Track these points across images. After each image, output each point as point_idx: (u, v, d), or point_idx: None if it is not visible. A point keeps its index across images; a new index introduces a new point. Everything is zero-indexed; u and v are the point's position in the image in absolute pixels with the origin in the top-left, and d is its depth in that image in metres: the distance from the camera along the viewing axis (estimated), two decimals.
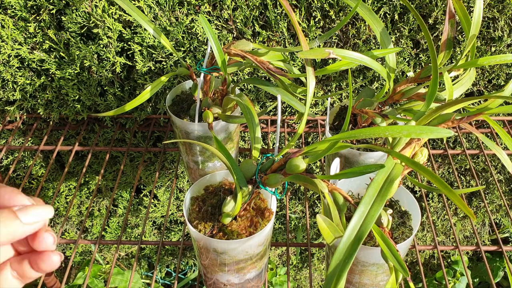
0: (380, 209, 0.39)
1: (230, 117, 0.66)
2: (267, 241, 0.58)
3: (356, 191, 0.60)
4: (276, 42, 0.84)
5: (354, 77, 0.89)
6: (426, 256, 1.33)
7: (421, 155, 0.51)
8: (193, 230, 0.54)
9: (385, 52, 0.60)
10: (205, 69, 0.65)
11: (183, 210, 0.57)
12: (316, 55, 0.53)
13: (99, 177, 0.86)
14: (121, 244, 0.73)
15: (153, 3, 0.78)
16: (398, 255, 0.43)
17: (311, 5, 0.80)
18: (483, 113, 0.51)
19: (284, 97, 0.60)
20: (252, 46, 0.63)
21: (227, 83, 0.67)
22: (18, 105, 0.91)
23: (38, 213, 0.32)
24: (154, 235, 1.23)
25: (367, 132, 0.43)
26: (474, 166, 1.08)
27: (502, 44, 0.85)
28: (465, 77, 0.63)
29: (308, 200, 1.13)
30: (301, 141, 0.96)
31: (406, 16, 0.82)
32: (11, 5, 0.79)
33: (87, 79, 0.87)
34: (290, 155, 0.50)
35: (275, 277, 1.25)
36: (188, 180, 1.11)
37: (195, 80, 0.71)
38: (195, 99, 0.73)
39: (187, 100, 0.75)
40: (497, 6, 0.81)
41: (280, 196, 0.54)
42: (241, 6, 0.79)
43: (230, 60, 0.67)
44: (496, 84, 0.92)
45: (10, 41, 0.82)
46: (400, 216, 0.57)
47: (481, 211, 1.18)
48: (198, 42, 0.83)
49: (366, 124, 0.66)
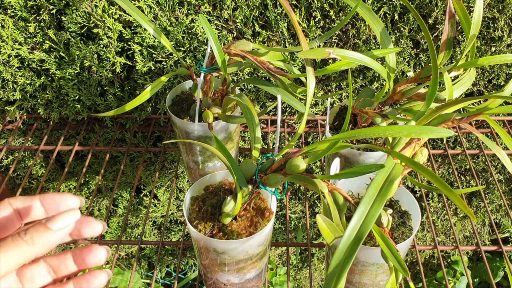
0: (380, 209, 0.39)
1: (230, 117, 0.66)
2: (267, 241, 0.58)
3: (356, 191, 0.60)
4: (276, 42, 0.84)
5: (354, 77, 0.89)
6: (426, 256, 1.33)
7: (421, 155, 0.51)
8: (193, 230, 0.54)
9: (385, 52, 0.60)
10: (205, 69, 0.65)
11: (183, 210, 0.57)
12: (316, 55, 0.53)
13: (99, 177, 0.86)
14: (121, 244, 0.73)
15: (153, 3, 0.78)
16: (398, 255, 0.43)
17: (311, 5, 0.80)
18: (483, 113, 0.51)
19: (284, 97, 0.60)
20: (252, 46, 0.63)
21: (227, 83, 0.67)
22: (18, 105, 0.91)
23: (65, 218, 0.35)
24: (154, 235, 1.23)
25: (367, 132, 0.43)
26: (474, 166, 1.08)
27: (502, 44, 0.85)
28: (465, 77, 0.63)
29: (308, 200, 1.13)
30: (301, 141, 0.96)
31: (406, 16, 0.82)
32: (11, 5, 0.79)
33: (87, 79, 0.87)
34: (290, 155, 0.50)
35: (275, 277, 1.25)
36: (188, 180, 1.11)
37: (195, 80, 0.72)
38: (195, 99, 0.73)
39: (187, 100, 0.75)
40: (497, 6, 0.81)
41: (280, 196, 0.54)
42: (241, 6, 0.79)
43: (230, 60, 0.67)
44: (496, 84, 0.92)
45: (10, 41, 0.82)
46: (400, 216, 0.57)
47: (481, 211, 1.18)
48: (198, 42, 0.83)
49: (366, 124, 0.66)
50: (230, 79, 0.67)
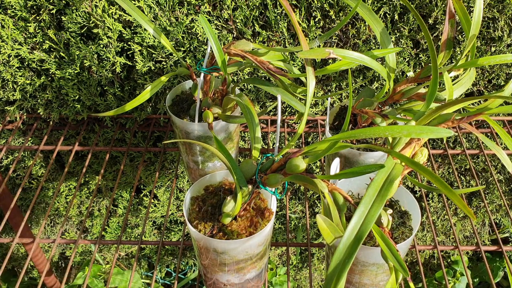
0: (380, 209, 0.39)
1: (230, 117, 0.66)
2: (267, 241, 0.58)
3: (356, 191, 0.60)
4: (276, 42, 0.84)
5: (354, 77, 0.89)
6: (426, 256, 1.33)
7: (421, 155, 0.51)
8: (193, 230, 0.54)
9: (385, 52, 0.60)
10: (205, 69, 0.65)
11: (183, 210, 0.57)
12: (316, 55, 0.53)
13: (99, 177, 0.86)
14: (121, 244, 0.73)
15: (153, 3, 0.79)
16: (398, 255, 0.43)
17: (311, 5, 0.80)
18: (483, 113, 0.51)
19: (284, 97, 0.60)
20: (252, 46, 0.63)
21: (227, 83, 0.67)
22: (18, 105, 0.91)
23: None
24: (154, 235, 1.24)
25: (367, 132, 0.43)
26: (474, 166, 1.08)
27: (502, 44, 0.85)
28: (465, 77, 0.63)
29: (308, 200, 1.13)
30: (301, 141, 0.96)
31: (406, 16, 0.82)
32: (11, 5, 0.79)
33: (87, 79, 0.87)
34: (290, 155, 0.50)
35: (275, 277, 1.25)
36: (188, 180, 1.11)
37: (195, 80, 0.72)
38: (195, 99, 0.73)
39: (187, 100, 0.75)
40: (497, 6, 0.81)
41: (280, 196, 0.54)
42: (241, 6, 0.79)
43: (230, 60, 0.67)
44: (496, 84, 0.92)
45: (10, 41, 0.82)
46: (400, 216, 0.57)
47: (481, 211, 1.18)
48: (198, 42, 0.83)
49: (366, 124, 0.66)
50: (230, 79, 0.67)
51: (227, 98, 0.67)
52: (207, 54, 0.64)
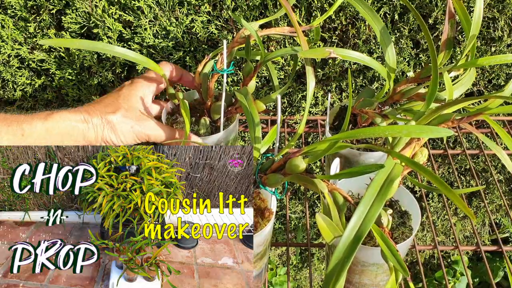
0: (380, 209, 0.39)
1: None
2: (267, 241, 0.58)
3: (356, 191, 0.60)
4: (276, 42, 0.84)
5: (354, 77, 0.89)
6: (426, 256, 1.33)
7: (421, 155, 0.51)
8: None
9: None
10: (226, 70, 0.63)
11: None
12: (317, 55, 0.53)
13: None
14: None
15: (153, 3, 0.78)
16: (398, 255, 0.43)
17: (311, 5, 0.80)
18: (483, 113, 0.51)
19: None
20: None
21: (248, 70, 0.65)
22: (18, 105, 0.91)
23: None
24: None
25: (367, 132, 0.43)
26: (474, 166, 1.08)
27: (502, 44, 0.84)
28: (465, 77, 0.63)
29: (308, 200, 1.13)
30: (301, 141, 0.96)
31: (406, 16, 0.82)
32: (11, 5, 0.80)
33: (87, 79, 0.87)
34: (290, 155, 0.50)
35: (275, 277, 1.25)
36: None
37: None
38: (200, 106, 0.71)
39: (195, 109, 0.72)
40: (497, 6, 0.81)
41: (280, 196, 0.54)
42: (241, 6, 0.79)
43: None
44: (496, 84, 0.92)
45: (10, 41, 0.82)
46: (400, 216, 0.57)
47: (481, 211, 1.18)
48: (198, 42, 0.83)
49: (366, 124, 0.66)
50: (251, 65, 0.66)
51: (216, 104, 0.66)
52: (224, 53, 0.62)
